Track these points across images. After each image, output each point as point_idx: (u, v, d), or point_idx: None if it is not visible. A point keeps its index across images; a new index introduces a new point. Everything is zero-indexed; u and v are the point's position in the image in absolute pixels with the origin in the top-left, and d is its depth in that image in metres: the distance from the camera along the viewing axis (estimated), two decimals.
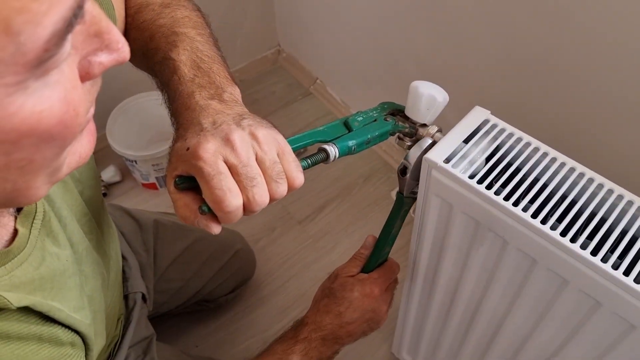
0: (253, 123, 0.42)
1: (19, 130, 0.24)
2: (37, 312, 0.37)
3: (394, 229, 0.65)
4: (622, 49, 0.65)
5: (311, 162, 0.49)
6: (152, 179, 1.22)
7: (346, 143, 0.52)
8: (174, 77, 0.46)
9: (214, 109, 0.43)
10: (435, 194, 0.55)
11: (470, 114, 0.56)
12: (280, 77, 1.50)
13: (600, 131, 0.75)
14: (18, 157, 0.26)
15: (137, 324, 0.69)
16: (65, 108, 0.26)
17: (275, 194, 0.42)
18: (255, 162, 0.41)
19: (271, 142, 0.42)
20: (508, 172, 0.52)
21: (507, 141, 0.54)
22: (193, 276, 0.89)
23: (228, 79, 0.48)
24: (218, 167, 0.40)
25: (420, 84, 0.56)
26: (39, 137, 0.25)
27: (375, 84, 1.23)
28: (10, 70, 0.22)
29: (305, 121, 1.39)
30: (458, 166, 0.52)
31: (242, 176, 0.40)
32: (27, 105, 0.24)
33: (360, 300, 0.62)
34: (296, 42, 1.46)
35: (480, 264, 0.57)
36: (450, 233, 0.58)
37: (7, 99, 0.23)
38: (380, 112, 0.58)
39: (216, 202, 0.40)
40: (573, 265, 0.47)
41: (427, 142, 0.56)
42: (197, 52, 0.48)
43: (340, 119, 0.55)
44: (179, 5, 0.54)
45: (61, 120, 0.26)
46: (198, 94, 0.45)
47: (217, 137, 0.40)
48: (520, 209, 0.49)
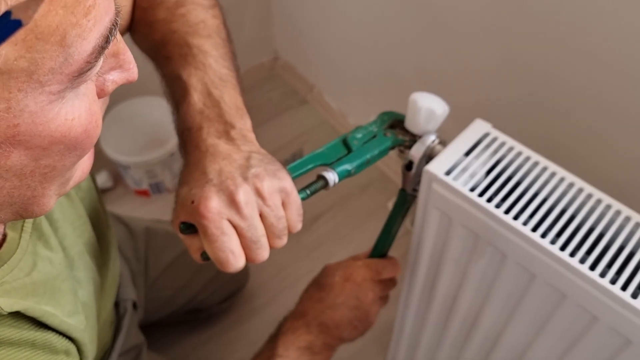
0: (259, 172, 0.42)
1: (52, 137, 0.26)
2: (29, 317, 0.37)
3: (394, 228, 0.64)
4: (626, 62, 0.66)
5: (310, 192, 0.50)
6: (145, 186, 1.21)
7: (345, 167, 0.53)
8: (184, 104, 0.46)
9: (221, 153, 0.43)
10: (434, 207, 0.55)
11: (471, 126, 0.57)
12: (277, 85, 1.50)
13: (601, 146, 0.75)
14: (45, 163, 0.27)
15: (128, 332, 0.68)
16: (90, 118, 0.28)
17: (277, 247, 0.44)
18: (260, 221, 0.42)
19: (276, 196, 0.43)
20: (508, 185, 0.53)
21: (507, 155, 0.54)
22: (185, 285, 0.88)
23: (239, 108, 0.47)
24: (222, 228, 0.40)
25: (419, 97, 0.56)
26: (66, 145, 0.27)
27: (372, 94, 1.24)
28: (56, 79, 0.24)
29: (301, 129, 1.39)
30: (459, 179, 0.52)
31: (247, 239, 0.41)
32: (61, 113, 0.26)
33: (341, 284, 0.59)
34: (293, 49, 1.46)
35: (478, 277, 0.57)
36: (449, 245, 0.57)
37: (48, 105, 0.25)
38: (380, 125, 0.58)
39: (219, 262, 0.41)
40: (571, 279, 0.47)
41: (430, 138, 0.56)
42: (209, 72, 0.47)
43: (340, 137, 0.55)
44: (194, 3, 0.51)
45: (86, 129, 0.27)
46: (206, 130, 0.44)
47: (222, 195, 0.40)
48: (520, 222, 0.49)
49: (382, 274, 0.62)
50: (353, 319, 0.59)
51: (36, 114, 0.24)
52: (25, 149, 0.25)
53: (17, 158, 0.25)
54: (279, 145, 1.34)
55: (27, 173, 0.27)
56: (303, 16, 1.32)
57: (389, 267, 0.63)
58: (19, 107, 0.23)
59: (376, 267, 0.62)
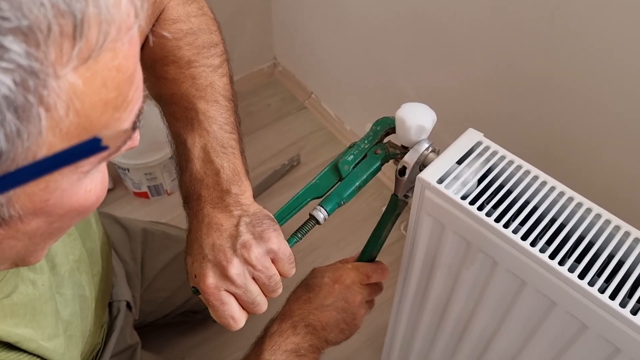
0: (246, 240, 0.48)
1: (72, 207, 0.27)
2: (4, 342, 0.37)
3: (384, 233, 0.64)
4: (618, 72, 0.67)
5: (302, 235, 0.55)
6: (144, 188, 1.22)
7: (335, 201, 0.55)
8: (186, 172, 0.52)
9: (215, 224, 0.50)
10: (427, 214, 0.56)
11: (463, 135, 0.58)
12: (276, 91, 1.51)
13: (591, 156, 0.76)
14: (56, 226, 0.29)
15: (121, 333, 0.69)
16: (102, 186, 0.30)
17: (274, 297, 0.51)
18: (253, 284, 0.49)
19: (263, 259, 0.49)
20: (500, 194, 0.53)
21: (499, 163, 0.55)
22: (181, 286, 0.89)
23: (237, 173, 0.52)
24: (221, 299, 0.48)
25: (406, 115, 0.55)
26: (79, 212, 0.29)
27: (369, 100, 1.25)
28: (89, 162, 0.26)
29: (299, 135, 1.40)
30: (451, 187, 0.53)
31: (244, 302, 0.49)
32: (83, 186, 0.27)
33: (330, 285, 0.60)
34: (292, 56, 1.47)
35: (470, 283, 0.58)
36: (441, 252, 0.58)
37: (77, 183, 0.26)
38: (372, 139, 0.59)
39: (224, 325, 0.50)
40: (561, 287, 0.48)
41: (423, 146, 0.56)
42: (212, 140, 0.52)
43: (332, 163, 0.57)
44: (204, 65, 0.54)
45: (98, 197, 0.29)
46: (204, 199, 0.51)
47: (217, 270, 0.48)
48: (510, 230, 0.50)
49: (371, 277, 0.63)
50: (340, 321, 0.59)
51: (65, 191, 0.26)
52: (45, 217, 0.27)
53: (35, 224, 0.27)
54: (277, 151, 1.35)
55: (40, 234, 0.29)
56: (302, 24, 1.34)
57: (377, 271, 0.64)
58: (55, 186, 0.25)
59: (365, 271, 0.62)
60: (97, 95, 0.23)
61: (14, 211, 0.25)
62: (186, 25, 0.54)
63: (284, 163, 1.30)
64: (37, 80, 0.21)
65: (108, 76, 0.23)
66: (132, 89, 0.26)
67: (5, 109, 0.20)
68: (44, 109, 0.21)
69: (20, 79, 0.20)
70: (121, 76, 0.24)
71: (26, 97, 0.21)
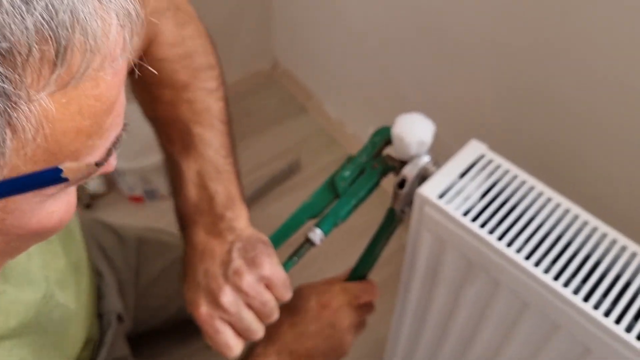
0: (238, 266, 0.48)
1: (32, 228, 0.26)
2: None
3: (377, 249, 0.62)
4: (624, 86, 0.65)
5: (298, 257, 0.53)
6: (139, 192, 1.20)
7: (331, 222, 0.53)
8: (181, 196, 0.52)
9: (208, 251, 0.49)
10: (427, 230, 0.54)
11: (466, 147, 0.55)
12: (276, 92, 1.49)
13: (598, 172, 0.74)
14: (14, 245, 0.27)
15: (111, 346, 0.67)
16: (67, 209, 0.28)
17: (270, 322, 0.50)
18: (247, 311, 0.48)
19: (256, 286, 0.48)
20: (503, 209, 0.51)
21: (503, 178, 0.53)
22: (175, 294, 0.87)
23: (231, 198, 0.51)
24: (215, 327, 0.48)
25: (404, 132, 0.53)
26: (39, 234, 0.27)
27: (371, 104, 1.23)
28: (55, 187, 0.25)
29: (298, 138, 1.38)
30: (452, 202, 0.51)
31: (239, 330, 0.49)
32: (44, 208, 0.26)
33: (316, 310, 0.57)
34: (293, 57, 1.45)
35: (471, 302, 0.56)
36: (441, 269, 0.56)
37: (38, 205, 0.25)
38: (370, 152, 0.56)
39: (220, 352, 0.49)
40: (564, 310, 0.46)
41: (424, 159, 0.54)
42: (207, 165, 0.51)
43: (328, 179, 0.55)
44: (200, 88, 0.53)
45: (61, 219, 0.28)
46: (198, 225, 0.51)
47: (209, 297, 0.48)
48: (514, 250, 0.48)
49: (360, 298, 0.59)
50: (327, 348, 0.57)
51: (25, 212, 0.25)
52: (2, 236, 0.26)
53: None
54: (276, 154, 1.33)
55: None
56: (304, 24, 1.32)
57: (367, 291, 0.60)
58: (14, 207, 0.24)
59: (355, 292, 0.59)
60: (70, 122, 0.22)
61: None
62: (182, 48, 0.53)
63: (283, 167, 1.28)
64: (8, 102, 0.20)
65: (85, 104, 0.23)
66: (110, 117, 0.25)
67: None
68: (10, 131, 0.21)
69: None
70: (100, 105, 0.23)
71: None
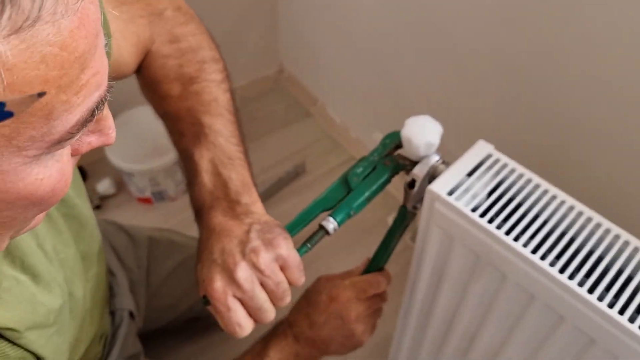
0: (255, 246, 0.48)
1: (20, 194, 0.26)
2: None
3: (392, 243, 0.64)
4: (626, 88, 0.67)
5: (312, 245, 0.54)
6: (148, 194, 1.22)
7: (344, 212, 0.55)
8: (196, 185, 0.52)
9: (225, 231, 0.50)
10: (436, 225, 0.56)
11: (474, 147, 0.58)
12: (281, 97, 1.52)
13: (602, 171, 0.76)
14: (6, 214, 0.27)
15: (124, 342, 0.69)
16: (60, 178, 0.28)
17: (281, 306, 0.50)
18: (261, 290, 0.48)
19: (272, 265, 0.48)
20: (509, 207, 0.53)
21: (509, 176, 0.55)
22: (185, 293, 0.89)
23: (245, 184, 0.52)
24: (228, 304, 0.47)
25: (412, 134, 0.55)
26: (31, 201, 0.27)
27: (375, 109, 1.25)
28: (35, 146, 0.24)
29: (304, 142, 1.40)
30: (461, 199, 0.53)
31: (251, 309, 0.48)
32: (32, 173, 0.26)
33: (325, 303, 0.60)
34: (298, 62, 1.48)
35: (478, 296, 0.58)
36: (449, 264, 0.58)
37: (21, 167, 0.25)
38: (382, 152, 0.59)
39: (228, 332, 0.49)
40: (569, 302, 0.48)
41: (433, 159, 0.56)
42: (219, 153, 0.52)
43: (341, 176, 0.57)
44: (207, 80, 0.54)
45: (54, 189, 0.28)
46: (214, 209, 0.51)
47: (224, 273, 0.48)
48: (520, 244, 0.50)
49: (368, 291, 0.62)
50: (338, 336, 0.60)
51: (7, 173, 0.24)
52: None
53: None
54: (282, 157, 1.35)
55: None
56: (309, 30, 1.34)
57: (374, 284, 0.62)
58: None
59: (362, 286, 0.62)
60: (32, 71, 0.22)
61: None
62: (185, 44, 0.54)
63: (289, 170, 1.30)
64: None
65: (49, 52, 0.22)
66: (84, 73, 0.24)
67: None
68: None
69: None
70: (66, 55, 0.23)
71: None
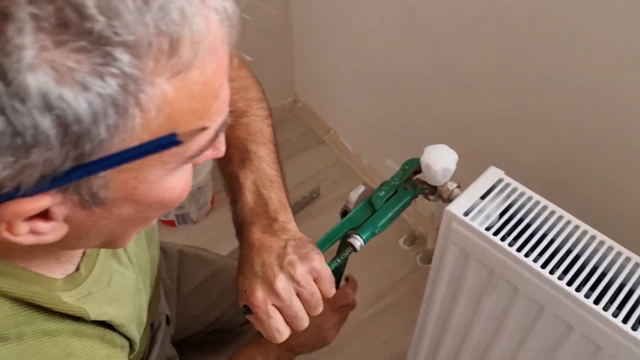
0: (292, 259, 0.53)
1: (156, 199, 0.33)
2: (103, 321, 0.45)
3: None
4: (635, 113, 0.71)
5: (340, 260, 0.60)
6: (171, 216, 1.28)
7: (370, 230, 0.61)
8: (239, 202, 0.58)
9: (264, 246, 0.55)
10: (453, 243, 0.61)
11: (486, 173, 0.63)
12: (296, 126, 1.59)
13: (604, 191, 0.81)
14: (143, 215, 0.34)
15: (162, 345, 0.74)
16: (184, 186, 0.34)
17: (315, 315, 0.55)
18: (297, 299, 0.53)
19: (307, 277, 0.53)
20: (520, 227, 0.59)
21: (519, 199, 0.61)
22: (212, 304, 0.94)
23: (283, 204, 0.58)
24: (268, 311, 0.52)
25: (431, 160, 0.61)
26: (163, 205, 0.34)
27: (387, 137, 1.31)
28: (174, 160, 0.31)
29: (318, 168, 1.47)
30: (475, 219, 0.59)
31: (287, 316, 0.53)
32: (168, 183, 0.32)
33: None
34: (312, 93, 1.55)
35: (491, 309, 0.63)
36: (464, 279, 0.63)
37: (162, 177, 0.31)
38: (402, 177, 0.65)
39: (269, 337, 0.54)
40: (577, 312, 0.53)
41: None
42: (262, 176, 0.59)
43: (366, 199, 0.63)
44: (255, 115, 0.62)
45: (180, 195, 0.34)
46: (255, 226, 0.57)
47: (265, 284, 0.53)
48: (531, 259, 0.55)
49: (339, 302, 0.69)
50: (314, 342, 0.67)
51: (152, 182, 0.31)
52: (135, 205, 0.32)
53: (125, 210, 0.32)
54: (298, 183, 1.41)
55: (129, 220, 0.34)
56: (323, 62, 1.42)
57: (344, 296, 0.69)
58: (143, 177, 0.30)
59: (334, 300, 0.68)
60: (185, 104, 0.28)
61: (109, 194, 0.30)
62: (238, 83, 0.63)
63: (304, 195, 1.36)
64: (136, 85, 0.25)
65: (196, 89, 0.28)
66: (216, 103, 0.30)
67: (109, 106, 0.25)
68: (139, 110, 0.26)
69: (123, 83, 0.25)
70: (207, 90, 0.29)
71: (126, 98, 0.25)
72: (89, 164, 0.27)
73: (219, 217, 1.33)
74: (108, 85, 0.24)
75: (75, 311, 0.40)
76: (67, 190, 0.28)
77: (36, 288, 0.38)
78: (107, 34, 0.24)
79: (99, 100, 0.24)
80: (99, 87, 0.24)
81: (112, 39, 0.24)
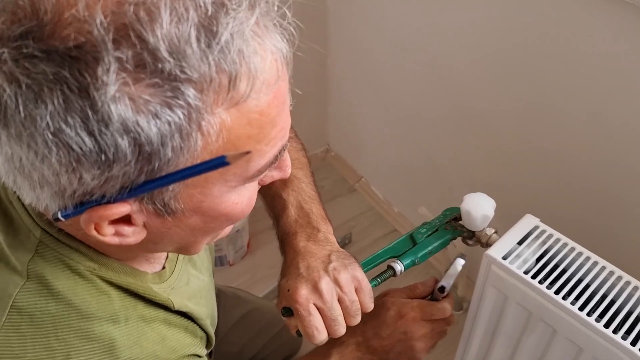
0: (337, 266, 0.55)
1: (220, 213, 0.37)
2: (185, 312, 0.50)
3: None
4: None
5: (380, 280, 0.64)
6: None
7: (410, 259, 0.65)
8: (283, 216, 0.62)
9: (309, 252, 0.57)
10: (492, 286, 0.65)
11: (522, 220, 0.67)
12: (329, 174, 1.65)
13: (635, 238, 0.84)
14: (210, 226, 0.39)
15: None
16: (248, 203, 0.39)
17: (352, 324, 0.57)
18: (338, 303, 0.55)
19: (350, 284, 0.55)
20: (556, 272, 0.62)
21: (554, 245, 0.65)
22: (248, 342, 0.97)
23: (323, 217, 0.62)
24: (309, 309, 0.54)
25: (471, 207, 0.66)
26: (227, 218, 0.38)
27: (416, 186, 1.36)
28: (235, 179, 0.36)
29: (349, 215, 1.51)
30: (513, 263, 0.63)
31: (327, 318, 0.55)
32: (231, 198, 0.37)
33: (393, 318, 0.66)
34: (344, 142, 1.62)
35: (530, 351, 0.65)
36: (503, 321, 0.66)
37: (225, 193, 0.36)
38: (442, 219, 0.69)
39: (307, 336, 0.55)
40: (615, 353, 0.56)
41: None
42: (302, 193, 0.63)
43: (408, 233, 0.68)
44: (292, 147, 0.67)
45: (243, 210, 0.39)
46: (299, 235, 0.60)
47: (309, 284, 0.54)
48: (569, 302, 0.58)
49: (435, 315, 0.68)
50: (399, 348, 0.66)
51: (215, 197, 0.36)
52: (201, 216, 0.37)
53: (194, 220, 0.37)
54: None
55: (197, 229, 0.39)
56: (355, 114, 1.49)
57: (441, 310, 0.68)
58: (208, 192, 0.35)
59: (429, 310, 0.67)
60: (242, 130, 0.32)
61: (179, 205, 0.34)
62: None
63: (337, 240, 1.40)
64: (199, 114, 0.30)
65: (253, 118, 0.32)
66: (274, 129, 0.34)
67: (175, 131, 0.30)
68: (200, 134, 0.31)
69: (188, 113, 0.29)
70: (264, 119, 0.32)
71: (190, 125, 0.30)
72: (158, 179, 0.32)
73: (255, 260, 1.37)
74: (175, 115, 0.29)
75: (163, 300, 0.46)
76: (143, 200, 0.34)
77: (131, 279, 0.44)
78: (176, 72, 0.28)
79: (167, 126, 0.30)
80: (167, 116, 0.29)
81: (179, 76, 0.29)
